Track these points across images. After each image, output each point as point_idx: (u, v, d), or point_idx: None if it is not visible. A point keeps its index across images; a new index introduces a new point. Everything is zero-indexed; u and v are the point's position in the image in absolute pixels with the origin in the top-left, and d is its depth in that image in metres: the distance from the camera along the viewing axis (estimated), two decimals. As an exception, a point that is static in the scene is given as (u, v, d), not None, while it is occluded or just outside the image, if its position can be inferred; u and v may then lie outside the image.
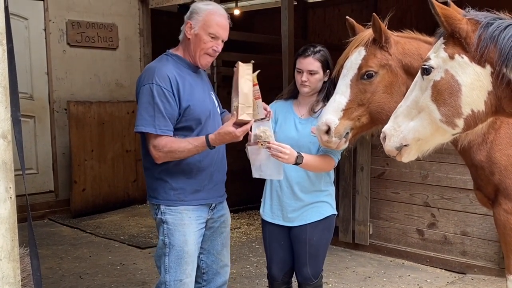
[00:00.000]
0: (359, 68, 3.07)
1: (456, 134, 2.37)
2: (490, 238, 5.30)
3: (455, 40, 2.23)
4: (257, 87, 3.04)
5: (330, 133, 3.04)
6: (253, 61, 3.07)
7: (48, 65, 7.87)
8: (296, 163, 3.18)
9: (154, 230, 6.89)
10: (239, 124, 2.95)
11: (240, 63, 3.01)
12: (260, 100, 3.06)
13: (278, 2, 10.39)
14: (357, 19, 3.45)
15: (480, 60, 2.18)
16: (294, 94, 3.54)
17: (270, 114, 3.15)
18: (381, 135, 2.55)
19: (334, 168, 3.52)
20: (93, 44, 8.23)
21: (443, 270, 5.56)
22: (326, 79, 3.44)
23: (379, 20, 3.01)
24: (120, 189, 8.34)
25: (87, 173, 7.90)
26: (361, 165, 6.01)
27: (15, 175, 2.26)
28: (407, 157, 2.47)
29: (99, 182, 8.05)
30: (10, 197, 2.21)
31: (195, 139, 3.05)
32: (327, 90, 3.44)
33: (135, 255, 6.15)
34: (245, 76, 2.98)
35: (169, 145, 3.01)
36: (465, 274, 5.42)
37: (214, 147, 3.05)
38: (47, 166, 8.02)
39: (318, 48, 3.43)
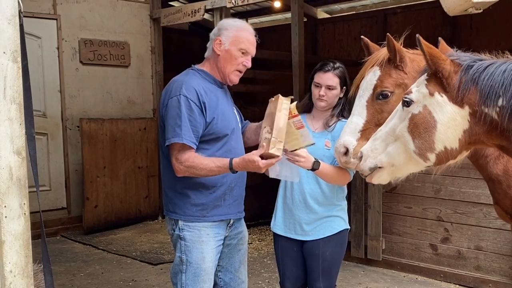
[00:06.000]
0: (374, 88, 3.05)
1: (428, 166, 2.43)
2: (505, 253, 5.24)
3: (437, 78, 2.30)
4: (299, 117, 3.03)
5: (349, 154, 3.03)
6: (292, 97, 3.06)
7: (61, 83, 7.96)
8: (313, 169, 3.19)
9: (166, 246, 6.90)
10: (266, 156, 2.92)
11: (280, 96, 3.00)
12: (304, 128, 3.04)
13: (288, 19, 10.48)
14: (366, 34, 3.47)
15: (460, 101, 2.24)
16: (308, 108, 3.56)
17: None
18: (359, 154, 2.59)
19: (346, 183, 3.51)
20: (105, 62, 8.32)
21: (457, 286, 5.50)
22: (341, 95, 3.47)
23: (393, 40, 2.99)
24: (132, 205, 8.37)
25: (99, 190, 7.94)
26: (373, 180, 5.98)
27: (28, 192, 2.28)
28: (377, 179, 2.52)
29: (111, 198, 8.08)
30: (24, 213, 2.23)
31: (218, 160, 3.03)
32: (342, 106, 3.47)
33: (147, 271, 6.14)
34: (283, 110, 2.96)
35: (192, 159, 2.99)
36: (480, 289, 5.36)
37: (236, 171, 3.02)
38: (59, 183, 8.07)
39: (338, 64, 3.47)
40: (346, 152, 3.04)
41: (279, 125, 2.91)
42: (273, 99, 3.03)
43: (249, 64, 3.22)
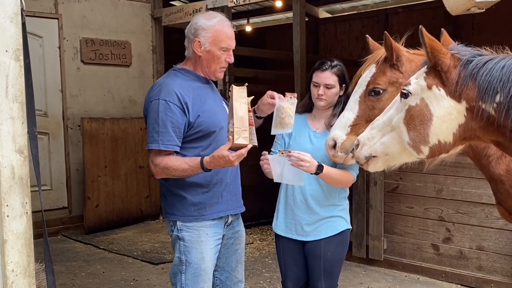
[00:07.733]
0: (367, 85, 3.09)
1: (421, 159, 2.44)
2: (507, 253, 5.23)
3: (436, 72, 2.29)
4: (251, 113, 2.98)
5: (336, 148, 3.08)
6: (246, 84, 3.03)
7: (62, 82, 7.96)
8: (317, 173, 3.18)
9: (167, 245, 6.90)
10: (235, 148, 2.90)
11: (234, 86, 2.97)
12: (253, 127, 2.99)
13: (289, 18, 10.48)
14: (367, 34, 3.47)
15: (458, 96, 2.25)
16: (308, 108, 3.54)
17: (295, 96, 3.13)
18: (355, 142, 2.63)
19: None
20: (106, 61, 8.33)
21: (459, 286, 5.49)
22: (341, 93, 3.45)
23: (391, 39, 3.01)
24: (133, 205, 8.36)
25: (101, 189, 7.94)
26: (374, 180, 5.98)
27: (30, 191, 2.27)
28: (373, 167, 2.56)
29: (112, 198, 8.08)
30: (26, 213, 2.22)
31: (190, 159, 3.01)
32: (342, 105, 3.43)
33: (148, 271, 6.14)
34: (240, 99, 2.93)
35: (165, 162, 3.00)
36: (482, 289, 5.35)
37: (210, 170, 3.00)
38: (60, 183, 8.08)
39: (336, 62, 3.44)
40: (335, 146, 3.09)
41: (239, 114, 2.89)
42: (230, 91, 3.00)
43: (231, 59, 3.19)
